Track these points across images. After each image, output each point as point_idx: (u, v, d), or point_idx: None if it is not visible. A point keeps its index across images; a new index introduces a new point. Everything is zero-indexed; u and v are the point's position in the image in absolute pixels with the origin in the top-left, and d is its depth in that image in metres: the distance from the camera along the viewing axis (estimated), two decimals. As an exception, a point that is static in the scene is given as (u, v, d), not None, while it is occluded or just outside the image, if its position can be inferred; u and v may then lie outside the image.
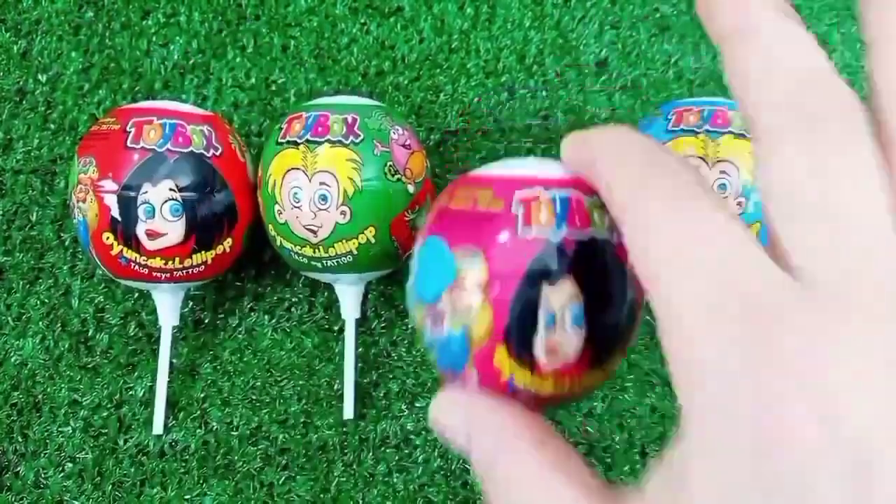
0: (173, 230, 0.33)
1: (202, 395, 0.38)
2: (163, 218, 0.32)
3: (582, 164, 0.19)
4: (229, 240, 0.34)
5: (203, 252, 0.34)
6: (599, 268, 0.19)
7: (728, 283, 0.14)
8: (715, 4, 0.17)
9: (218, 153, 0.34)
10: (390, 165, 0.33)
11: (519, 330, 0.19)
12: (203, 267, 0.34)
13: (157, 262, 0.33)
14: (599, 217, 0.19)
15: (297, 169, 0.33)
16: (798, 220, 0.14)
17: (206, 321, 0.39)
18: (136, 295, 0.39)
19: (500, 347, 0.19)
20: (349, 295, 0.36)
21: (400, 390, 0.39)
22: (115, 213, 0.32)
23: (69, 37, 0.43)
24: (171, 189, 0.32)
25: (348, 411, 0.37)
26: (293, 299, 0.40)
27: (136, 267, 0.33)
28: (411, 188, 0.34)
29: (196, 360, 0.39)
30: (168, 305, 0.36)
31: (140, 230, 0.32)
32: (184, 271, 0.34)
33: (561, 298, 0.19)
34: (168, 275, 0.34)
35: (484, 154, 0.42)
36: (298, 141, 0.33)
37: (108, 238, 0.33)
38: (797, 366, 0.13)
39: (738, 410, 0.13)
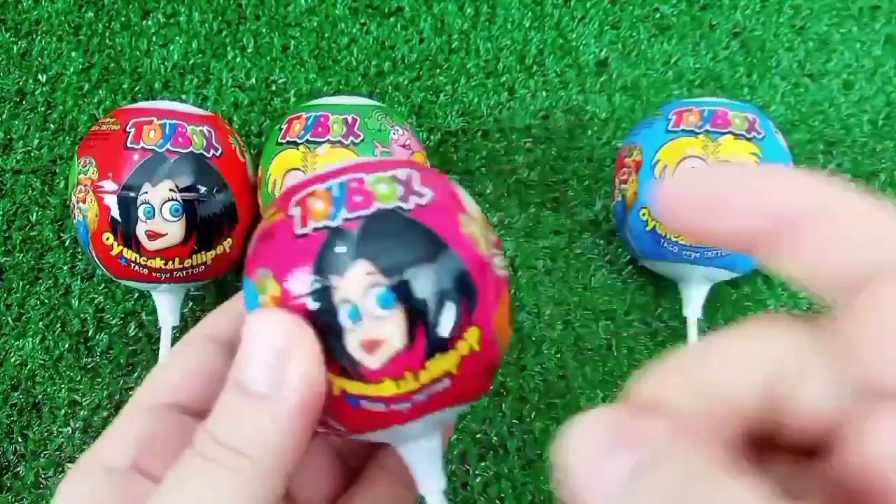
0: (173, 230, 0.33)
1: (202, 396, 0.38)
2: (162, 218, 0.32)
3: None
4: (229, 240, 0.34)
5: (203, 252, 0.34)
6: (393, 238, 0.16)
7: None
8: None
9: (218, 153, 0.34)
10: (390, 166, 0.33)
11: (329, 339, 0.16)
12: (203, 267, 0.34)
13: (156, 263, 0.33)
14: (388, 189, 0.17)
15: (298, 169, 0.33)
16: None
17: (206, 321, 0.39)
18: (136, 295, 0.39)
19: None
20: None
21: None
22: (115, 213, 0.32)
23: (69, 37, 0.43)
24: (170, 189, 0.32)
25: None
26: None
27: (136, 267, 0.33)
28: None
29: (196, 360, 0.39)
30: (168, 306, 0.36)
31: (140, 230, 0.32)
32: (184, 272, 0.34)
33: (357, 285, 0.16)
34: (168, 275, 0.34)
35: (484, 154, 0.42)
36: (299, 141, 0.33)
37: (107, 238, 0.33)
38: None
39: None
